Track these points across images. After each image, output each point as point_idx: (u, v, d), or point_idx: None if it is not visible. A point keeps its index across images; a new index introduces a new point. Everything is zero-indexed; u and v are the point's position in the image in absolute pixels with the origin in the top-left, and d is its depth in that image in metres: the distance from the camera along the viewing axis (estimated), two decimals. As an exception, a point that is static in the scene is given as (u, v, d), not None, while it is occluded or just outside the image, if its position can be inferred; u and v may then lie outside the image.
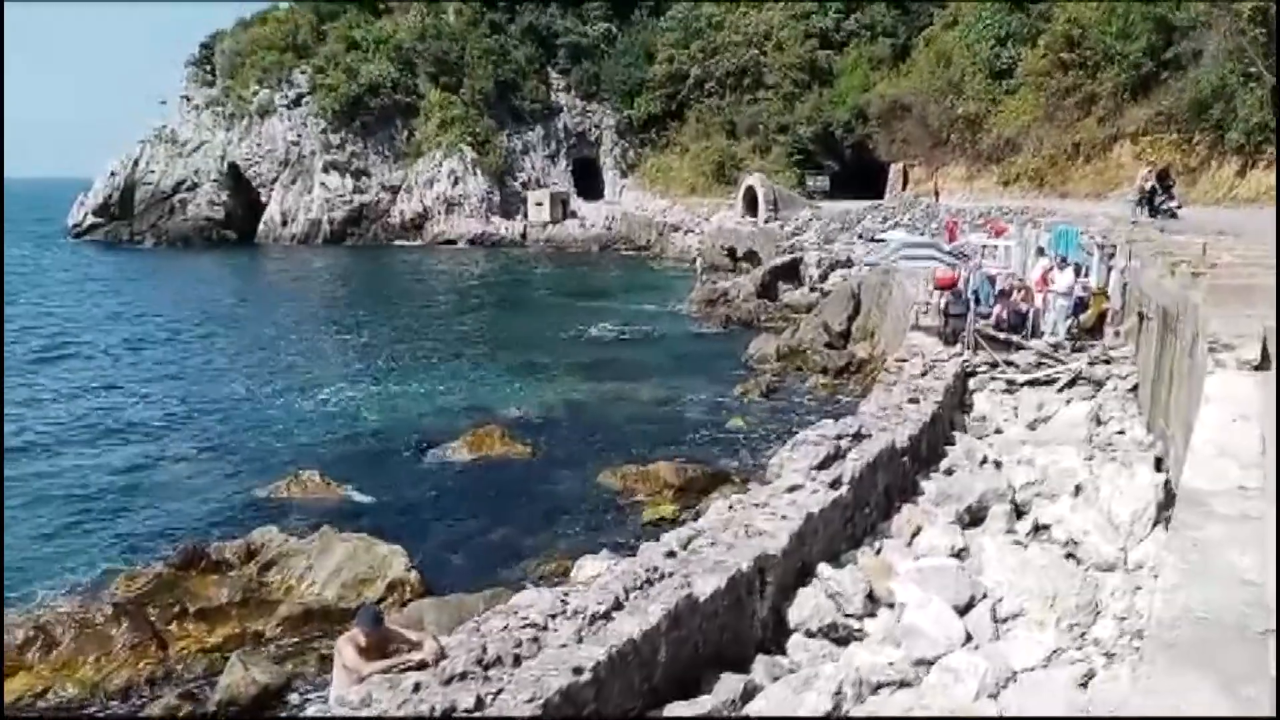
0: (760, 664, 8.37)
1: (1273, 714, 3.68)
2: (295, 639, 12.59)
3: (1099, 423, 15.16)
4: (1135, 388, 16.40)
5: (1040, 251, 22.20)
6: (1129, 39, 43.86)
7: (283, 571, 14.05)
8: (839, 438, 11.92)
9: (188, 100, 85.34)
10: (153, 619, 12.75)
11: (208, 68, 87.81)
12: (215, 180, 79.88)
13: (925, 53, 64.72)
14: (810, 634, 9.00)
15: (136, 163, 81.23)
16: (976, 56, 57.03)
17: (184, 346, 35.84)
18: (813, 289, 39.92)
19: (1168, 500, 10.60)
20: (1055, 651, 8.28)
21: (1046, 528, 11.34)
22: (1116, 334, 18.86)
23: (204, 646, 12.52)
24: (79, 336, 38.02)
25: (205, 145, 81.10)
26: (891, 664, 8.24)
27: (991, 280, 20.71)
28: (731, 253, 54.17)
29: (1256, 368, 9.91)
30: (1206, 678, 4.07)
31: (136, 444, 22.57)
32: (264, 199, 79.67)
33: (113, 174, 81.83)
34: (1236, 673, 4.10)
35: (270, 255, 71.83)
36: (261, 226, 78.61)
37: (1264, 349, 10.18)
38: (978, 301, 19.39)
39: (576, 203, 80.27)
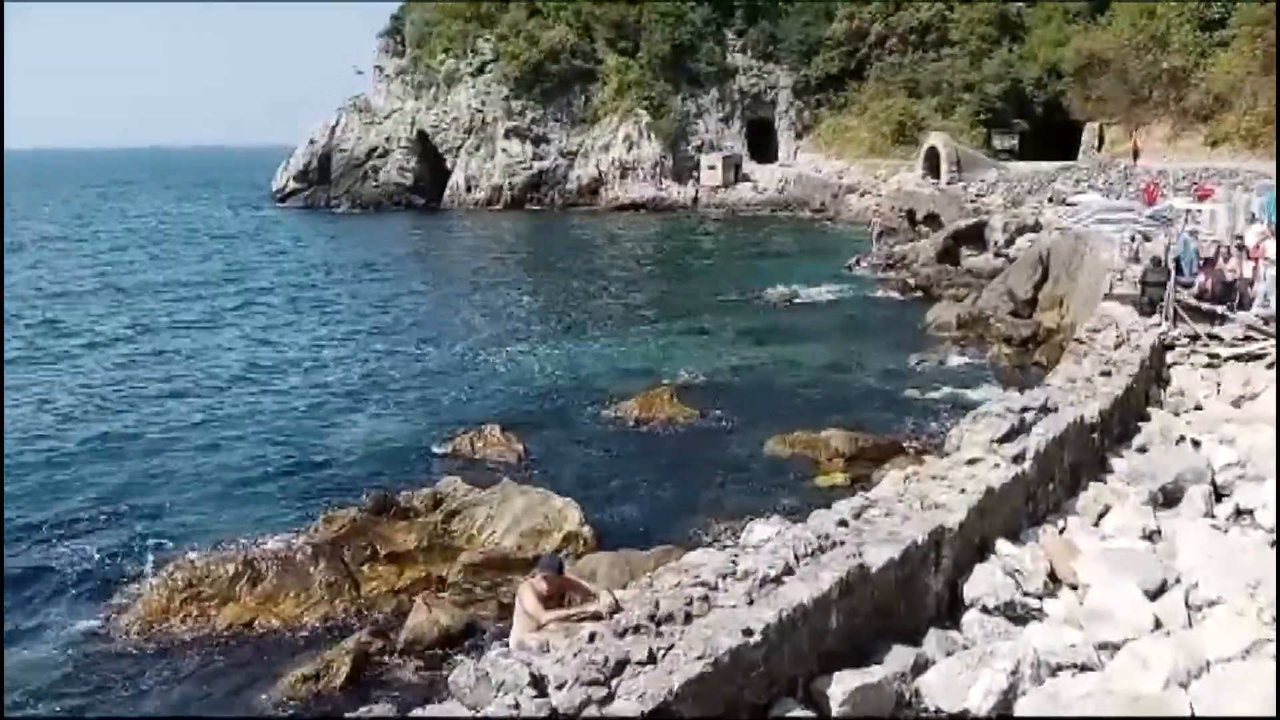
0: (933, 637, 8.22)
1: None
2: (476, 584, 13.24)
3: (1314, 402, 14.00)
4: (1358, 365, 15.04)
5: (1252, 218, 20.58)
6: (1368, -20, 39.73)
7: (465, 520, 14.75)
8: (1024, 410, 11.45)
9: (380, 70, 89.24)
10: (347, 560, 13.68)
11: (398, 38, 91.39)
12: (405, 147, 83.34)
13: (1127, 4, 60.50)
14: (986, 611, 8.76)
15: (334, 131, 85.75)
16: (1185, 6, 53.00)
17: (376, 305, 37.83)
18: (997, 254, 38.29)
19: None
20: (1256, 643, 7.76)
21: (1250, 512, 10.61)
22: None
23: (392, 588, 13.36)
24: (286, 294, 40.71)
25: (396, 114, 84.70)
26: (1073, 646, 7.93)
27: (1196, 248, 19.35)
28: (910, 215, 52.55)
29: None
30: None
31: (335, 397, 24.13)
32: (449, 165, 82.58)
33: (312, 142, 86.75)
34: None
35: (455, 220, 74.65)
36: (447, 192, 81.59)
37: None
38: (1179, 270, 18.16)
39: (749, 166, 79.52)
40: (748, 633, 6.78)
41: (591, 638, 6.66)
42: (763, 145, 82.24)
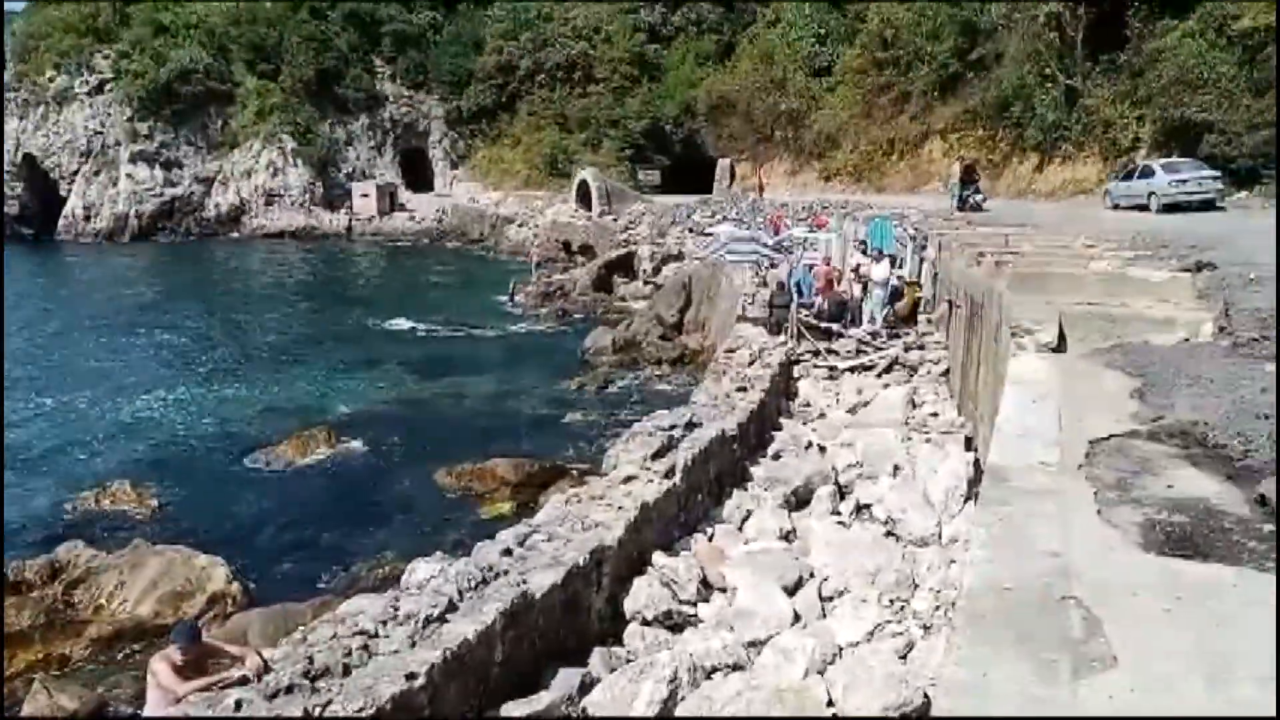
0: (598, 655, 8.39)
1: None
2: (107, 660, 11.85)
3: (914, 405, 15.94)
4: (946, 371, 17.32)
5: (862, 245, 23.10)
6: (938, 40, 46.23)
7: (91, 589, 13.17)
8: (672, 428, 12.10)
9: (-27, 85, 78.62)
10: (-57, 648, 11.72)
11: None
12: (9, 172, 73.91)
13: (749, 50, 66.38)
14: (646, 622, 9.09)
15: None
16: (797, 54, 58.92)
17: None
18: (646, 282, 40.37)
19: (978, 477, 11.23)
20: (878, 626, 8.64)
21: (868, 507, 11.82)
22: (928, 321, 19.87)
23: (4, 674, 11.62)
24: None
25: (-4, 134, 74.96)
26: (724, 647, 8.40)
27: (812, 271, 21.45)
28: (566, 246, 54.16)
29: (1054, 350, 10.64)
30: (1011, 645, 4.32)
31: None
32: (64, 192, 74.29)
33: (-116, 165, 74.59)
34: (1040, 639, 4.37)
35: (72, 253, 67.06)
36: (62, 222, 73.28)
37: (1060, 332, 10.94)
38: (800, 293, 20.05)
39: (405, 195, 78.38)
40: (411, 677, 6.58)
41: (239, 705, 6.16)
42: (419, 174, 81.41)
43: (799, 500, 12.34)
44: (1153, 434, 7.49)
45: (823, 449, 14.18)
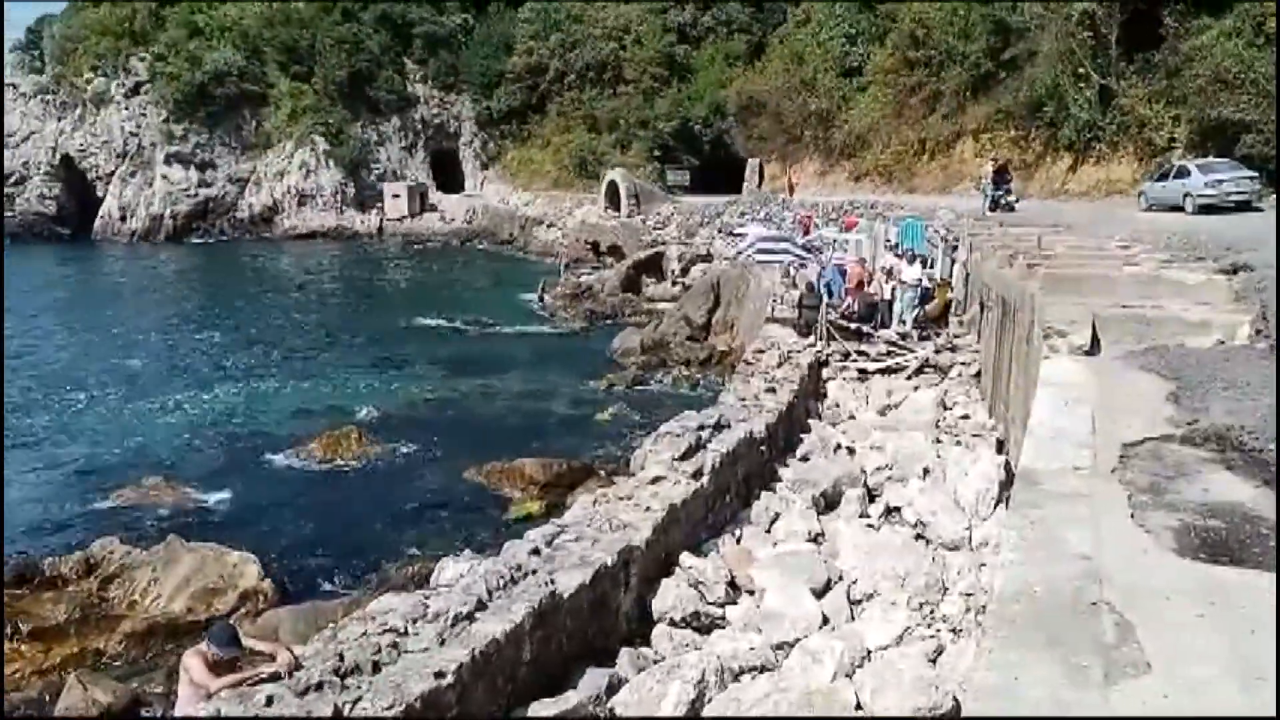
0: (625, 656, 8.40)
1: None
2: (140, 655, 12.02)
3: (945, 408, 15.83)
4: (978, 374, 17.19)
5: (893, 246, 22.96)
6: (969, 39, 45.80)
7: (126, 585, 13.37)
8: (700, 428, 12.08)
9: (14, 88, 79.86)
10: (-19, 641, 11.94)
11: (36, 53, 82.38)
12: (47, 173, 75.11)
13: (779, 50, 66.09)
14: (674, 624, 9.09)
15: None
16: (828, 54, 58.60)
17: (16, 349, 33.53)
18: (675, 283, 40.36)
19: (1009, 480, 11.14)
20: (907, 629, 8.58)
21: (897, 510, 11.75)
22: (960, 323, 19.72)
23: (40, 668, 11.82)
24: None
25: (35, 136, 76.13)
26: (752, 649, 8.39)
27: (842, 273, 21.34)
28: (595, 247, 54.23)
29: (1087, 353, 10.54)
30: (1043, 649, 4.29)
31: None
32: (100, 193, 75.37)
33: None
34: (1071, 643, 4.33)
35: (108, 252, 68.03)
36: (98, 222, 74.31)
37: (1094, 335, 10.83)
38: (830, 294, 19.96)
39: (436, 195, 78.81)
40: (439, 675, 6.61)
41: (269, 701, 6.23)
42: (449, 175, 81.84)
43: (828, 502, 12.29)
44: (1187, 438, 7.40)
45: (852, 451, 14.12)
